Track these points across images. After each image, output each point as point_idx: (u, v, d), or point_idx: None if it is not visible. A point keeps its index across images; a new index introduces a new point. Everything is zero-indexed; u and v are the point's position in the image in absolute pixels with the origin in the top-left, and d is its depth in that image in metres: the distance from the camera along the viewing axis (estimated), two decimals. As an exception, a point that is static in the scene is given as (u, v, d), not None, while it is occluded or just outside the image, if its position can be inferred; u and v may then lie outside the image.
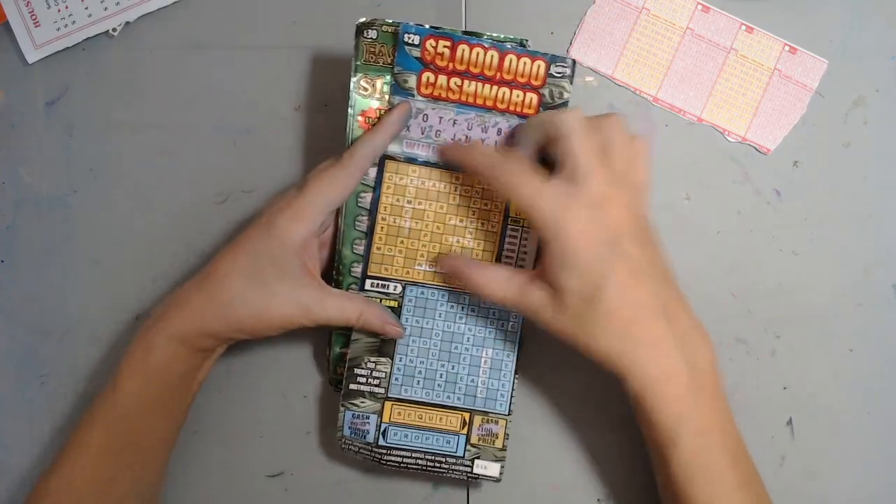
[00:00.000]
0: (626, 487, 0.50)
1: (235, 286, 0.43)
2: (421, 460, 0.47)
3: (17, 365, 0.52)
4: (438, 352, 0.47)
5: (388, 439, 0.46)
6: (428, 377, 0.47)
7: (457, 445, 0.47)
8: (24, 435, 0.51)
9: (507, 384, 0.47)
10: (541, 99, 0.46)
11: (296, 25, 0.53)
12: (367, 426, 0.46)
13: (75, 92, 0.53)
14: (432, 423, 0.47)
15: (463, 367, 0.47)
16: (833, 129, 0.53)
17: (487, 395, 0.47)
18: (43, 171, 0.53)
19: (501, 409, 0.47)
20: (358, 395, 0.47)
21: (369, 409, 0.46)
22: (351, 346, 0.47)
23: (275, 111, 0.52)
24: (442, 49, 0.45)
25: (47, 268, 0.52)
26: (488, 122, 0.46)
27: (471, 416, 0.47)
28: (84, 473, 0.42)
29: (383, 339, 0.47)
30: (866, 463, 0.51)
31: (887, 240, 0.52)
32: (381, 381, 0.47)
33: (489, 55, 0.45)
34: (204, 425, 0.51)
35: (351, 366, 0.47)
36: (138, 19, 0.53)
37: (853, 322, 0.52)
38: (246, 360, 0.51)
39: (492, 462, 0.47)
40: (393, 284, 0.47)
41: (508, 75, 0.46)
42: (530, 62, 0.45)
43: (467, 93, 0.46)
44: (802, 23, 0.53)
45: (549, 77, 0.46)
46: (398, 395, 0.47)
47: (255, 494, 0.50)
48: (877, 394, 0.51)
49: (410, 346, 0.47)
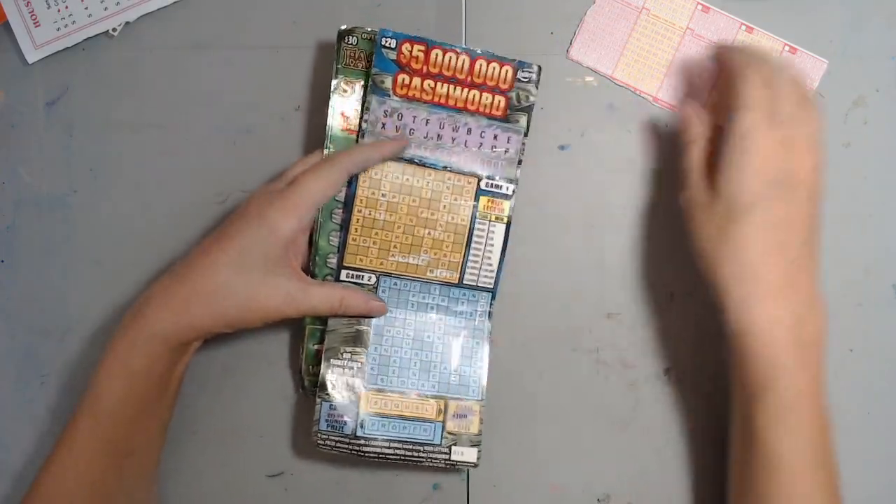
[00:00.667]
0: (626, 487, 0.50)
1: (223, 277, 0.43)
2: (399, 450, 0.47)
3: (17, 365, 0.52)
4: (412, 340, 0.49)
5: (367, 430, 0.47)
6: (403, 366, 0.48)
7: (434, 433, 0.48)
8: (24, 435, 0.51)
9: (479, 370, 0.49)
10: (508, 101, 0.49)
11: (296, 25, 0.53)
12: (344, 418, 0.47)
13: (75, 92, 0.53)
14: (409, 412, 0.48)
15: (436, 354, 0.49)
16: (833, 129, 0.53)
17: (461, 381, 0.49)
18: (43, 171, 0.53)
19: (475, 395, 0.48)
20: (334, 387, 0.47)
21: (346, 399, 0.47)
22: (327, 336, 0.48)
23: (275, 111, 0.52)
24: (417, 53, 0.48)
25: (47, 268, 0.52)
26: (459, 122, 0.49)
27: (445, 404, 0.48)
28: (73, 475, 0.42)
29: (358, 328, 0.48)
30: (866, 463, 0.51)
31: (887, 240, 0.52)
32: (356, 370, 0.48)
33: (461, 59, 0.48)
34: (204, 425, 0.51)
35: (328, 356, 0.47)
36: (138, 19, 0.53)
37: (853, 322, 0.51)
38: (245, 361, 0.51)
39: (468, 448, 0.48)
40: (367, 275, 0.49)
41: (478, 79, 0.49)
42: (499, 67, 0.49)
43: (440, 94, 0.49)
44: (802, 23, 0.53)
45: (516, 81, 0.49)
46: (375, 384, 0.48)
47: (255, 494, 0.50)
48: (877, 394, 0.51)
49: (384, 335, 0.48)
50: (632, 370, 0.51)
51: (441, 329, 0.49)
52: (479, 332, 0.49)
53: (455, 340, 0.49)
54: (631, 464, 0.50)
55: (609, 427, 0.51)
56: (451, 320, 0.49)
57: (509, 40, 0.53)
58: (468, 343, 0.49)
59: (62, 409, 0.51)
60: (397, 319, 0.49)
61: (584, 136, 0.53)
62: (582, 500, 0.50)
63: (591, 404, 0.51)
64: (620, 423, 0.50)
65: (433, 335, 0.49)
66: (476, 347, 0.49)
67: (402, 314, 0.49)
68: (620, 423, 0.50)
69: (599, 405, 0.51)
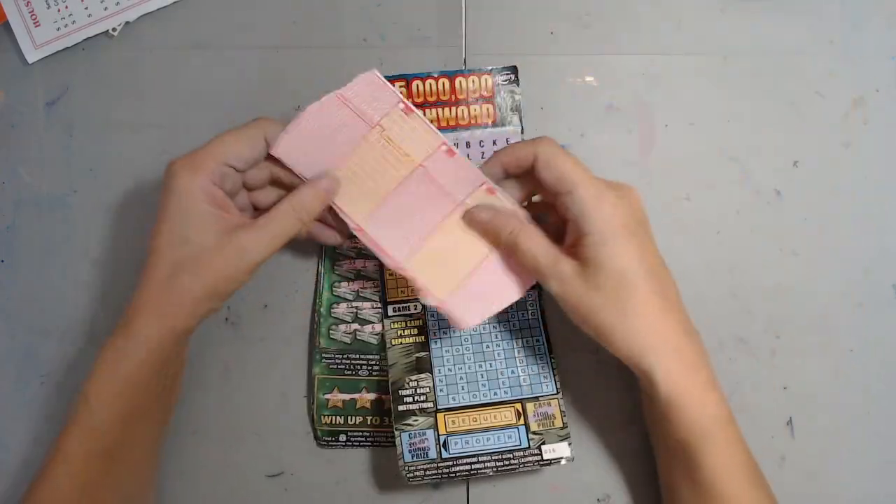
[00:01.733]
0: (626, 487, 0.50)
1: (169, 260, 0.42)
2: (490, 462, 0.47)
3: (17, 365, 0.52)
4: (472, 354, 0.49)
5: (451, 450, 0.47)
6: (470, 380, 0.48)
7: (519, 437, 0.47)
8: (24, 435, 0.51)
9: (546, 366, 0.49)
10: (495, 106, 0.51)
11: (296, 25, 0.53)
12: (426, 443, 0.47)
13: (75, 92, 0.53)
14: (488, 423, 0.48)
15: (499, 361, 0.49)
16: (833, 129, 0.53)
17: (531, 381, 0.49)
18: (43, 171, 0.53)
19: (549, 390, 0.48)
20: (409, 415, 0.47)
21: (424, 425, 0.47)
22: (390, 371, 0.49)
23: (275, 111, 0.52)
24: (399, 89, 0.48)
25: (47, 268, 0.52)
26: (456, 139, 0.51)
27: (523, 406, 0.48)
28: (68, 481, 0.42)
29: (418, 356, 0.49)
30: (866, 463, 0.51)
31: (887, 240, 0.52)
32: (426, 395, 0.48)
33: (441, 83, 0.51)
34: (204, 425, 0.51)
35: (395, 389, 0.48)
36: (138, 19, 0.53)
37: (853, 322, 0.52)
38: (246, 361, 0.51)
39: (558, 443, 0.47)
40: (412, 305, 0.50)
41: (462, 95, 0.51)
42: (477, 78, 0.51)
43: (430, 119, 0.49)
44: (802, 23, 0.53)
45: (496, 86, 0.51)
46: (447, 404, 0.48)
47: (255, 494, 0.50)
48: (877, 394, 0.51)
49: (444, 356, 0.49)
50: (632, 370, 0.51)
51: (498, 335, 0.49)
52: (535, 328, 0.50)
53: (515, 342, 0.49)
54: (631, 464, 0.50)
55: (609, 427, 0.51)
56: (505, 324, 0.50)
57: (509, 40, 0.53)
58: (528, 341, 0.49)
59: (62, 409, 0.51)
60: (453, 338, 0.49)
61: (584, 136, 0.53)
62: (582, 500, 0.50)
63: (591, 404, 0.51)
64: (620, 423, 0.50)
65: (492, 343, 0.49)
66: (536, 344, 0.49)
67: (457, 331, 0.49)
68: (620, 423, 0.50)
69: (600, 405, 0.51)
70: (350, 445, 0.50)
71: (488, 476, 0.47)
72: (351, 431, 0.50)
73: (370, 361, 0.50)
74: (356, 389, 0.50)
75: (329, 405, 0.50)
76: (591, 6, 0.53)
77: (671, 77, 0.53)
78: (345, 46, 0.53)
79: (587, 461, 0.50)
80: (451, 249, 0.46)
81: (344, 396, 0.50)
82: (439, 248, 0.46)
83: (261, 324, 0.51)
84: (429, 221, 0.46)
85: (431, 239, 0.46)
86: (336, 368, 0.50)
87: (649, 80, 0.53)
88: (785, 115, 0.53)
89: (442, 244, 0.46)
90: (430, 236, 0.46)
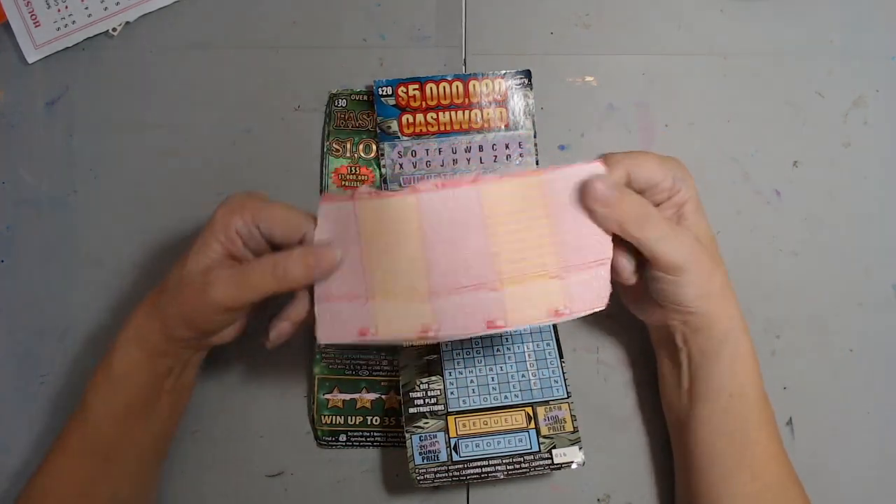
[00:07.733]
0: (626, 487, 0.50)
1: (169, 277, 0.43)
2: (500, 465, 0.46)
3: (17, 365, 0.52)
4: (483, 357, 0.49)
5: (461, 453, 0.47)
6: (481, 383, 0.48)
7: (529, 441, 0.47)
8: (24, 435, 0.51)
9: (556, 370, 0.49)
10: (508, 110, 0.52)
11: (296, 25, 0.53)
12: (436, 445, 0.47)
13: (75, 92, 0.53)
14: (499, 426, 0.47)
15: (510, 365, 0.49)
16: (833, 129, 0.53)
17: (542, 384, 0.48)
18: (43, 171, 0.53)
19: (560, 394, 0.48)
20: (420, 418, 0.47)
21: (434, 428, 0.47)
22: (401, 373, 0.49)
23: (275, 111, 0.52)
24: (413, 92, 0.51)
25: (47, 268, 0.52)
26: (469, 143, 0.51)
27: (533, 409, 0.48)
28: (65, 478, 0.43)
29: (428, 358, 0.49)
30: (866, 463, 0.51)
31: (887, 240, 0.52)
32: (437, 398, 0.48)
33: (454, 86, 0.51)
34: (204, 425, 0.51)
35: (406, 391, 0.48)
36: (138, 19, 0.53)
37: (853, 322, 0.52)
38: (246, 360, 0.51)
39: (569, 447, 0.47)
40: None
41: (475, 98, 0.52)
42: (491, 82, 0.52)
43: (443, 122, 0.51)
44: (803, 23, 0.53)
45: (510, 91, 0.52)
46: (458, 407, 0.48)
47: (255, 494, 0.50)
48: (877, 394, 0.51)
49: (455, 359, 0.49)
50: (632, 370, 0.51)
51: (508, 339, 0.49)
52: (545, 332, 0.50)
53: (525, 346, 0.49)
54: (631, 464, 0.50)
55: (609, 427, 0.51)
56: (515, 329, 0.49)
57: (509, 40, 0.53)
58: (539, 346, 0.49)
59: (62, 409, 0.51)
60: (464, 341, 0.49)
61: (585, 136, 0.53)
62: (582, 500, 0.50)
63: (592, 404, 0.51)
64: (620, 423, 0.50)
65: (502, 347, 0.49)
66: (547, 348, 0.49)
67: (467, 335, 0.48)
68: (620, 423, 0.50)
69: (600, 405, 0.51)
70: (350, 445, 0.50)
71: (499, 479, 0.46)
72: (351, 431, 0.50)
73: (370, 361, 0.50)
74: (356, 389, 0.50)
75: (329, 405, 0.50)
76: (591, 6, 0.53)
77: (671, 77, 0.53)
78: (345, 46, 0.53)
79: (587, 461, 0.50)
80: (520, 254, 0.42)
81: (344, 396, 0.50)
82: (513, 261, 0.41)
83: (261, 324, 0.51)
84: (479, 251, 0.41)
85: (498, 261, 0.41)
86: (336, 368, 0.50)
87: (649, 80, 0.53)
88: (785, 115, 0.53)
89: (510, 255, 0.41)
90: (496, 258, 0.41)
